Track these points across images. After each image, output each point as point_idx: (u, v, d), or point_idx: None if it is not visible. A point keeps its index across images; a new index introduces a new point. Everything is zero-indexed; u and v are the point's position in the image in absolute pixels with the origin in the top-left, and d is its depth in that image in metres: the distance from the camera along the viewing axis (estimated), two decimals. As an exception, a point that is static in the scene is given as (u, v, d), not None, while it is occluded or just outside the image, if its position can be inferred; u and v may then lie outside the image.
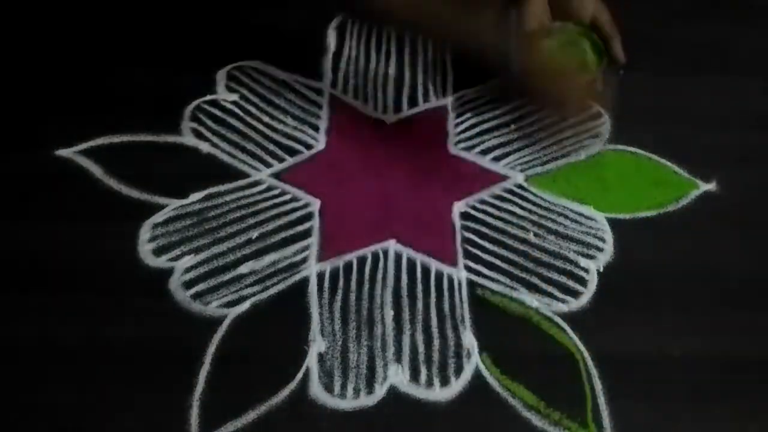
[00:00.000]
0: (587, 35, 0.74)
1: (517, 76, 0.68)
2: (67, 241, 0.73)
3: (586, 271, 0.72)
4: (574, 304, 0.70)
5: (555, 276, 0.72)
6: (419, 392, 0.65)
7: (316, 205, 0.76)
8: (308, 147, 0.81)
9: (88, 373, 0.66)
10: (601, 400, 0.65)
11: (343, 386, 0.65)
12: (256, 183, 0.78)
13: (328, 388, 0.65)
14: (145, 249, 0.73)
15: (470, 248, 0.74)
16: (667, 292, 0.71)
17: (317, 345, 0.68)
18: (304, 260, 0.73)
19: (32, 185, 0.77)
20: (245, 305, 0.69)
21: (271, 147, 0.80)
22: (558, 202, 0.77)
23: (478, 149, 0.81)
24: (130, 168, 0.78)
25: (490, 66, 0.72)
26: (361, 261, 0.73)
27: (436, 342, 0.68)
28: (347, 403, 0.64)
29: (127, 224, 0.74)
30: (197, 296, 0.70)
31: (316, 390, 0.65)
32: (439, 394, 0.65)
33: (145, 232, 0.74)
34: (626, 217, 0.76)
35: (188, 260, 0.72)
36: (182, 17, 0.91)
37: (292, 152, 0.80)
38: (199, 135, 0.81)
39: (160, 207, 0.75)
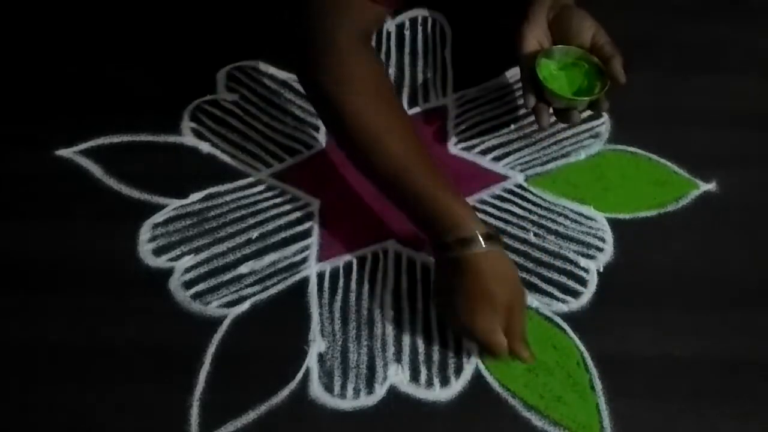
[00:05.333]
0: (587, 57, 0.74)
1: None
2: (67, 241, 0.73)
3: (586, 271, 0.72)
4: (574, 304, 0.70)
5: (555, 276, 0.72)
6: (419, 392, 0.65)
7: (316, 205, 0.76)
8: (308, 147, 0.81)
9: (89, 373, 0.66)
10: (601, 400, 0.65)
11: (343, 386, 0.65)
12: (256, 183, 0.78)
13: (328, 388, 0.65)
14: (145, 249, 0.73)
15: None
16: (667, 292, 0.71)
17: (317, 345, 0.68)
18: (304, 260, 0.73)
19: (32, 185, 0.77)
20: (245, 305, 0.70)
21: (271, 147, 0.80)
22: (558, 202, 0.77)
23: (478, 149, 0.81)
24: (130, 168, 0.78)
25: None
26: (361, 261, 0.73)
27: (436, 342, 0.68)
28: (347, 403, 0.65)
29: (127, 224, 0.74)
30: (197, 296, 0.70)
31: (316, 390, 0.65)
32: (439, 394, 0.65)
33: (145, 232, 0.74)
34: (626, 217, 0.76)
35: (188, 260, 0.72)
36: (182, 17, 0.91)
37: (292, 152, 0.80)
38: (199, 135, 0.81)
39: (160, 207, 0.76)
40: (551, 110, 0.74)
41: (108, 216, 0.75)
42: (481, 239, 0.61)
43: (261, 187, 0.77)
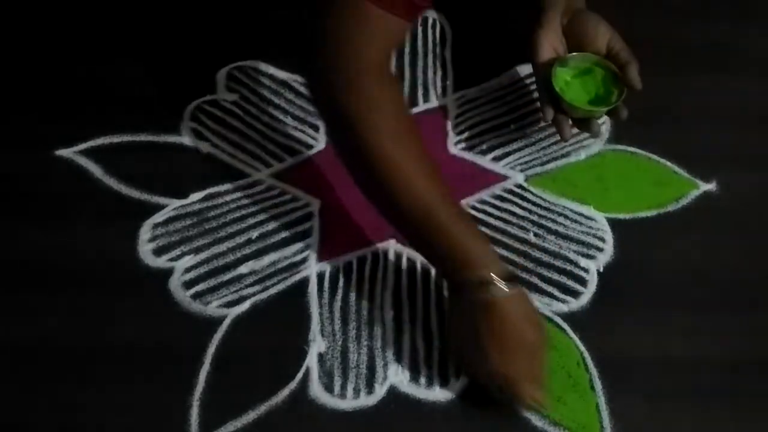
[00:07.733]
0: (603, 64, 0.74)
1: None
2: (67, 240, 0.73)
3: (586, 271, 0.72)
4: (574, 304, 0.70)
5: (555, 276, 0.72)
6: (419, 392, 0.65)
7: (316, 205, 0.76)
8: (308, 147, 0.81)
9: (88, 373, 0.66)
10: (601, 400, 0.65)
11: (343, 386, 0.65)
12: (256, 183, 0.78)
13: (328, 388, 0.65)
14: (145, 249, 0.73)
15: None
16: (667, 293, 0.71)
17: (317, 345, 0.68)
18: (304, 260, 0.73)
19: (32, 185, 0.77)
20: (245, 305, 0.69)
21: (271, 147, 0.80)
22: (558, 202, 0.77)
23: (478, 149, 0.81)
24: (130, 168, 0.78)
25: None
26: (361, 261, 0.73)
27: (436, 342, 0.68)
28: (347, 403, 0.65)
29: (127, 224, 0.74)
30: (197, 296, 0.70)
31: (316, 390, 0.65)
32: (439, 394, 0.65)
33: (145, 232, 0.74)
34: (626, 217, 0.76)
35: (188, 260, 0.72)
36: (183, 17, 0.91)
37: (292, 152, 0.80)
38: (199, 135, 0.81)
39: (160, 207, 0.76)
40: (570, 121, 0.73)
41: (108, 216, 0.75)
42: (502, 281, 0.59)
43: (261, 187, 0.77)
